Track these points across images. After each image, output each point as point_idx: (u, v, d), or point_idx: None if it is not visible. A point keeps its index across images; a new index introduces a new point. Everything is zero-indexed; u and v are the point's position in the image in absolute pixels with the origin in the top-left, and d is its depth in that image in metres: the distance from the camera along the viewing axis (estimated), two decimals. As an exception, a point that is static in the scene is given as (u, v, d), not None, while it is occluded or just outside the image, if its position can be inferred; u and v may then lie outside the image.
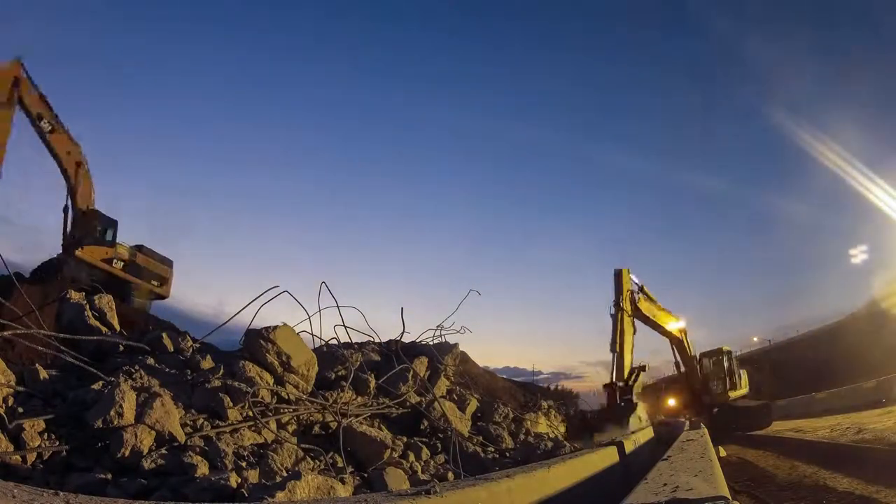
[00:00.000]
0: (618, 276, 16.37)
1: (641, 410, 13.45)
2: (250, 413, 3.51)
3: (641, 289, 16.77)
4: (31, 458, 2.56)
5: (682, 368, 19.02)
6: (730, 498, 2.30)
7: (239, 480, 2.67)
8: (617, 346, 15.08)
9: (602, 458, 4.65)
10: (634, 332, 16.04)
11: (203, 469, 2.75)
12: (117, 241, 15.17)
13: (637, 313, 16.38)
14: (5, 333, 3.44)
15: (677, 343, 18.62)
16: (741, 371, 18.96)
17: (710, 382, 18.36)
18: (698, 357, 18.67)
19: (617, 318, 15.57)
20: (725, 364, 18.38)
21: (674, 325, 18.05)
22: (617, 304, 15.70)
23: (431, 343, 6.69)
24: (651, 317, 17.15)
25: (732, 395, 18.04)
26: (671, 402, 20.12)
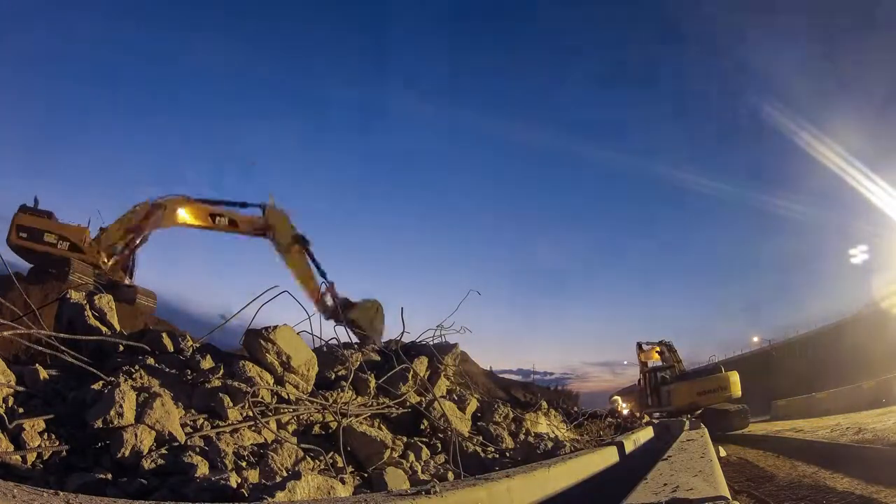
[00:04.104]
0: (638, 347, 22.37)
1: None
2: (250, 413, 3.51)
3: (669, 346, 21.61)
4: (31, 458, 2.56)
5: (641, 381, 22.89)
6: (730, 498, 2.30)
7: (239, 480, 2.67)
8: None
9: (602, 458, 4.66)
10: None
11: (203, 469, 2.74)
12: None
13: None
14: (5, 333, 3.44)
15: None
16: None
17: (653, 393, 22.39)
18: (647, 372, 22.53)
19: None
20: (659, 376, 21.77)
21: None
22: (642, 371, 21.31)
23: (431, 343, 6.68)
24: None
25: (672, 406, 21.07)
26: (624, 407, 24.09)
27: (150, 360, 3.90)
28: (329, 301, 13.65)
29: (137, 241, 15.27)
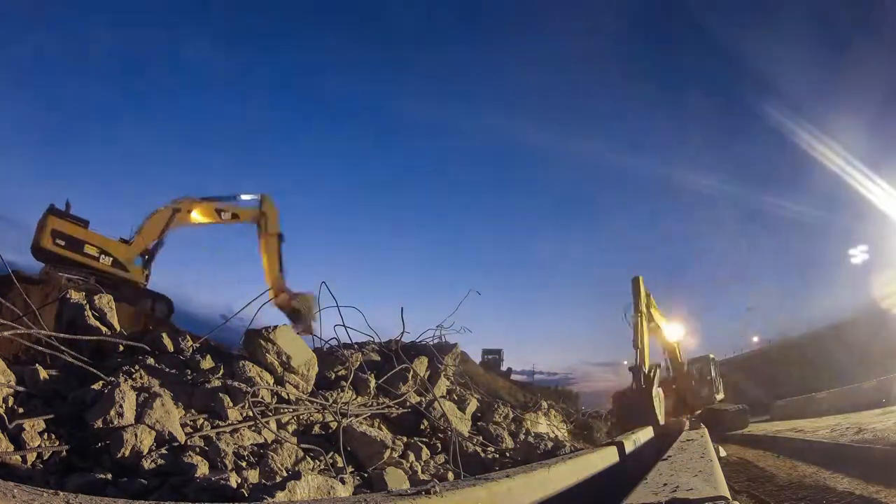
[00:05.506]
0: (635, 282, 17.73)
1: (659, 402, 14.88)
2: (250, 413, 3.51)
3: (648, 296, 18.12)
4: (31, 458, 2.56)
5: (672, 374, 20.47)
6: (730, 498, 2.30)
7: (239, 480, 2.67)
8: (638, 343, 16.56)
9: (602, 458, 4.65)
10: (648, 335, 17.65)
11: (203, 469, 2.75)
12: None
13: (649, 318, 17.94)
14: (5, 333, 3.44)
15: (671, 350, 20.08)
16: (720, 378, 20.63)
17: (697, 387, 19.83)
18: (687, 364, 20.13)
19: (637, 320, 17.10)
20: (712, 371, 19.82)
21: (672, 334, 19.61)
22: (636, 307, 17.08)
23: (431, 343, 6.68)
24: (656, 322, 18.58)
25: (716, 398, 19.48)
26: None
27: (150, 360, 3.90)
28: (286, 291, 16.19)
29: (159, 247, 15.81)
